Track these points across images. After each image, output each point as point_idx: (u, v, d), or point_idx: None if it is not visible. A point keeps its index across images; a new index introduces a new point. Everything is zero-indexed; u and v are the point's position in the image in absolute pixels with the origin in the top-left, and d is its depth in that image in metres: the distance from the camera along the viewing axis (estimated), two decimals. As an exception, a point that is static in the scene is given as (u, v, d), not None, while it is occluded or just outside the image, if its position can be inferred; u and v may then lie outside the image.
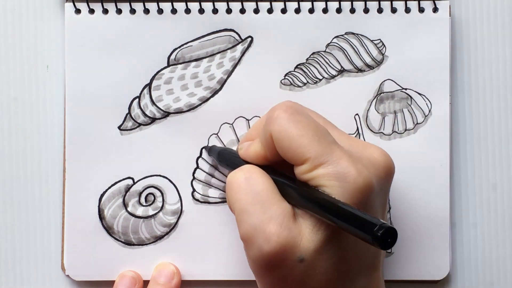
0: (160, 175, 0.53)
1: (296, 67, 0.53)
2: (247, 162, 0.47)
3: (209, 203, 0.53)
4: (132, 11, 0.53)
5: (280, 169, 0.46)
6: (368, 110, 0.53)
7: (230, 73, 0.53)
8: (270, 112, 0.45)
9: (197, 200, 0.53)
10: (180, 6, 0.53)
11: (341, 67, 0.53)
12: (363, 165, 0.43)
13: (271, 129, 0.44)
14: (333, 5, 0.53)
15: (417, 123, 0.53)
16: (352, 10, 0.53)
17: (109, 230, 0.53)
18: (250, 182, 0.44)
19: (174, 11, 0.53)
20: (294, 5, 0.53)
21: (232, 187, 0.45)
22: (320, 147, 0.43)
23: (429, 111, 0.53)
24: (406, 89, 0.53)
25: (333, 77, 0.53)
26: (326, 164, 0.42)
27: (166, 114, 0.53)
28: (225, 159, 0.50)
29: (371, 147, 0.46)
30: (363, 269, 0.44)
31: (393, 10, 0.53)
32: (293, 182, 0.44)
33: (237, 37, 0.53)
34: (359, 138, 0.53)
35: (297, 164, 0.43)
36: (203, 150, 0.53)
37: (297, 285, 0.43)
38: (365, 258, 0.44)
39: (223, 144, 0.53)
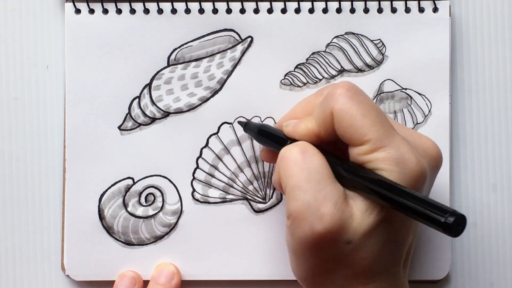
0: (160, 175, 0.53)
1: (296, 67, 0.53)
2: (294, 140, 0.46)
3: (209, 203, 0.53)
4: (132, 11, 0.53)
5: (329, 149, 0.45)
6: (368, 110, 0.53)
7: (230, 73, 0.53)
8: (332, 90, 0.44)
9: (197, 200, 0.53)
10: (180, 6, 0.53)
11: (341, 67, 0.53)
12: (420, 154, 0.43)
13: (333, 106, 0.43)
14: (333, 5, 0.53)
15: (417, 123, 0.53)
16: (352, 10, 0.53)
17: (109, 230, 0.53)
18: (306, 158, 0.43)
19: (174, 11, 0.53)
20: (294, 5, 0.53)
21: (286, 162, 0.44)
22: (382, 130, 0.42)
23: (429, 111, 0.53)
24: (406, 89, 0.53)
25: (333, 77, 0.53)
26: (387, 148, 0.42)
27: (166, 114, 0.53)
28: (266, 137, 0.49)
29: (424, 138, 0.46)
30: (401, 259, 0.44)
31: (393, 10, 0.53)
32: (346, 164, 0.43)
33: (237, 37, 0.53)
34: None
35: (355, 145, 0.43)
36: (238, 124, 0.52)
37: (338, 266, 0.43)
38: (404, 248, 0.44)
39: (223, 144, 0.53)
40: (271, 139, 0.48)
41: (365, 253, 0.42)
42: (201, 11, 0.53)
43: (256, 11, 0.53)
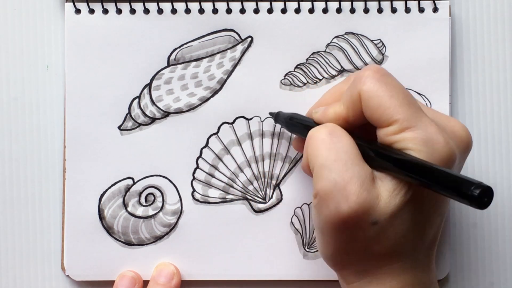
0: (160, 175, 0.53)
1: (296, 67, 0.53)
2: None
3: (209, 203, 0.53)
4: (132, 11, 0.53)
5: (357, 134, 0.45)
6: (368, 110, 0.53)
7: (230, 73, 0.53)
8: (359, 73, 0.44)
9: (197, 200, 0.53)
10: (180, 6, 0.53)
11: (341, 67, 0.53)
12: (448, 136, 0.43)
13: (360, 88, 0.44)
14: (333, 5, 0.53)
15: (417, 123, 0.53)
16: (352, 10, 0.53)
17: (109, 230, 0.53)
18: (334, 138, 0.44)
19: (174, 11, 0.53)
20: (294, 5, 0.53)
21: (314, 142, 0.44)
22: (410, 111, 0.42)
23: (429, 111, 0.53)
24: (406, 89, 0.53)
25: (333, 77, 0.53)
26: (415, 128, 0.42)
27: (166, 114, 0.53)
28: (296, 124, 0.49)
29: (453, 120, 0.46)
30: (426, 241, 0.44)
31: (393, 10, 0.53)
32: (374, 145, 0.44)
33: (237, 37, 0.53)
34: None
35: (383, 126, 0.43)
36: (270, 116, 0.52)
37: (363, 247, 0.43)
38: (430, 230, 0.44)
39: (223, 144, 0.53)
40: (302, 127, 0.48)
41: (391, 234, 0.42)
42: (201, 11, 0.53)
43: (256, 11, 0.53)
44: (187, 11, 0.53)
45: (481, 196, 0.37)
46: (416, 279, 0.43)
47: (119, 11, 0.53)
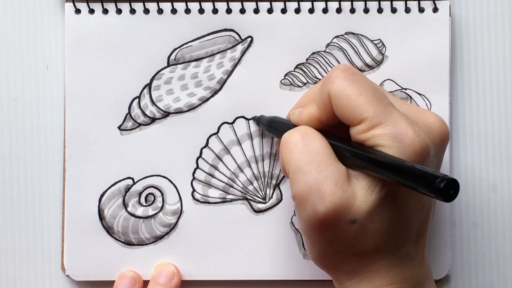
0: (160, 175, 0.53)
1: (296, 67, 0.53)
2: None
3: (209, 203, 0.53)
4: (132, 11, 0.53)
5: (333, 133, 0.46)
6: (368, 110, 0.53)
7: (230, 73, 0.53)
8: (328, 74, 0.45)
9: (197, 200, 0.53)
10: (180, 6, 0.53)
11: (341, 67, 0.53)
12: (420, 128, 0.43)
13: (329, 88, 0.44)
14: (333, 5, 0.53)
15: (417, 123, 0.53)
16: (352, 10, 0.53)
17: (109, 230, 0.53)
18: (306, 141, 0.44)
19: (174, 11, 0.53)
20: (294, 5, 0.53)
21: (287, 146, 0.45)
22: (379, 107, 0.42)
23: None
24: (406, 89, 0.53)
25: (333, 77, 0.53)
26: (384, 124, 0.42)
27: (166, 114, 0.53)
28: (276, 127, 0.50)
29: (427, 113, 0.46)
30: (411, 235, 0.44)
31: (393, 10, 0.53)
32: (348, 143, 0.44)
33: (237, 37, 0.53)
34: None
35: (354, 124, 0.43)
36: (252, 121, 0.53)
37: (346, 246, 0.43)
38: (414, 224, 0.44)
39: (223, 144, 0.53)
40: (280, 129, 0.49)
41: (372, 231, 0.42)
42: (201, 11, 0.53)
43: (256, 11, 0.53)
44: (187, 11, 0.53)
45: (446, 188, 0.37)
46: (406, 275, 0.44)
47: (119, 11, 0.53)
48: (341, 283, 0.45)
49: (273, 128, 0.50)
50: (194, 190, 0.53)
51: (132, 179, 0.53)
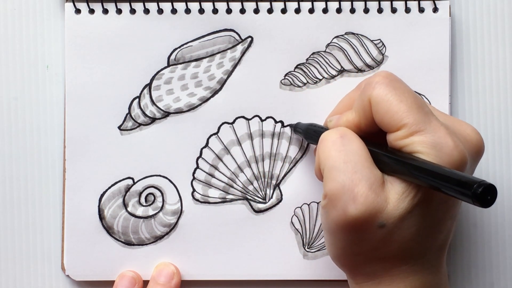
0: (160, 175, 0.53)
1: (296, 67, 0.53)
2: None
3: (209, 203, 0.53)
4: (132, 11, 0.53)
5: (370, 140, 0.46)
6: (368, 110, 0.53)
7: (230, 73, 0.53)
8: (369, 79, 0.45)
9: (197, 200, 0.53)
10: (180, 6, 0.53)
11: (341, 67, 0.53)
12: (458, 139, 0.43)
13: (370, 94, 0.44)
14: (333, 5, 0.53)
15: (417, 123, 0.53)
16: (352, 10, 0.53)
17: (109, 230, 0.53)
18: (345, 141, 0.44)
19: (174, 11, 0.53)
20: (294, 5, 0.53)
21: (325, 144, 0.45)
22: (419, 115, 0.43)
23: (429, 111, 0.53)
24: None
25: (333, 77, 0.53)
26: (423, 132, 0.42)
27: (166, 114, 0.53)
28: (314, 134, 0.50)
29: (464, 124, 0.46)
30: (435, 244, 0.44)
31: (393, 10, 0.53)
32: (385, 149, 0.44)
33: (237, 37, 0.53)
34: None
35: (392, 130, 0.43)
36: (288, 127, 0.53)
37: (370, 249, 0.43)
38: (440, 233, 0.44)
39: (223, 144, 0.53)
40: (319, 136, 0.49)
41: (399, 237, 0.42)
42: (201, 11, 0.53)
43: (256, 11, 0.53)
44: (187, 11, 0.53)
45: (483, 194, 0.37)
46: (425, 282, 0.44)
47: (119, 11, 0.53)
48: (357, 283, 0.45)
49: (311, 135, 0.50)
50: (194, 190, 0.53)
51: (132, 179, 0.53)
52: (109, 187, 0.53)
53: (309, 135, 0.51)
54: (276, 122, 0.53)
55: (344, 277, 0.46)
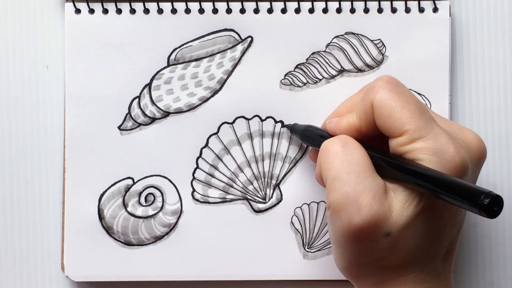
0: (160, 175, 0.53)
1: (296, 67, 0.53)
2: None
3: (209, 203, 0.53)
4: (132, 11, 0.53)
5: (370, 144, 0.46)
6: (368, 110, 0.53)
7: (230, 73, 0.53)
8: (372, 83, 0.45)
9: (197, 200, 0.53)
10: (180, 6, 0.53)
11: (341, 67, 0.53)
12: (460, 145, 0.43)
13: (373, 98, 0.44)
14: (333, 5, 0.53)
15: (417, 123, 0.53)
16: (352, 10, 0.53)
17: (108, 230, 0.53)
18: (347, 151, 0.44)
19: (174, 11, 0.53)
20: (294, 5, 0.53)
21: (327, 154, 0.45)
22: (421, 121, 0.43)
23: (429, 111, 0.53)
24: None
25: (333, 77, 0.53)
26: (425, 138, 0.42)
27: (166, 114, 0.53)
28: (311, 136, 0.50)
29: (466, 130, 0.46)
30: (441, 251, 0.44)
31: (393, 10, 0.53)
32: (387, 155, 0.44)
33: (237, 37, 0.53)
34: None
35: (394, 136, 0.43)
36: (285, 128, 0.53)
37: (377, 258, 0.43)
38: (445, 240, 0.44)
39: (223, 144, 0.53)
40: (316, 138, 0.49)
41: (404, 245, 0.42)
42: (201, 11, 0.53)
43: (256, 11, 0.53)
44: (187, 11, 0.53)
45: (490, 205, 0.37)
46: None
47: (119, 11, 0.53)
48: None
49: (308, 137, 0.50)
50: (194, 190, 0.53)
51: (132, 179, 0.53)
52: (109, 187, 0.53)
53: (305, 137, 0.50)
54: (276, 122, 0.53)
55: (344, 277, 0.46)
